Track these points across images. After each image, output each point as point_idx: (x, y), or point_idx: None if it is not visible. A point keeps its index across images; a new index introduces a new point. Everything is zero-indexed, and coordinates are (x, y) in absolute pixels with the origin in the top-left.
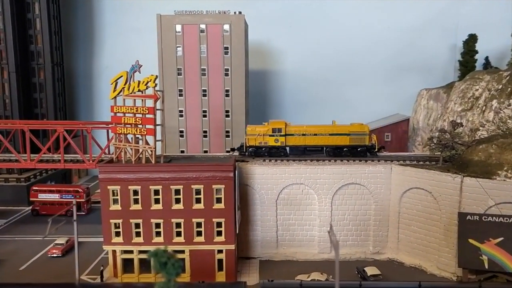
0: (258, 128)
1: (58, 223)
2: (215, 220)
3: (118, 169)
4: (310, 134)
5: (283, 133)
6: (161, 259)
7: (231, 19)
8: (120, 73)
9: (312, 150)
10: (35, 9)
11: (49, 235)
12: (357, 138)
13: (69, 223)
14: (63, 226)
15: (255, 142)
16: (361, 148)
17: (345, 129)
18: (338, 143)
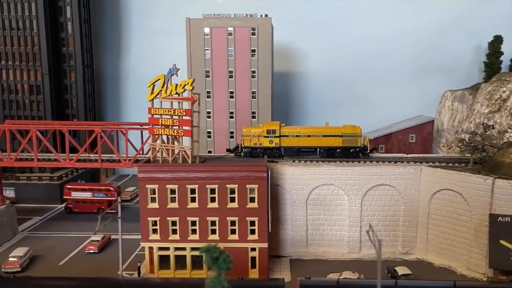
0: (253, 129)
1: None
2: (248, 219)
3: (157, 169)
4: (304, 136)
5: (277, 134)
6: (213, 254)
7: (258, 22)
8: (157, 76)
9: (306, 151)
10: (66, 13)
11: (84, 232)
12: (349, 140)
13: (102, 220)
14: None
15: (250, 143)
16: (354, 149)
17: (338, 131)
18: (331, 144)
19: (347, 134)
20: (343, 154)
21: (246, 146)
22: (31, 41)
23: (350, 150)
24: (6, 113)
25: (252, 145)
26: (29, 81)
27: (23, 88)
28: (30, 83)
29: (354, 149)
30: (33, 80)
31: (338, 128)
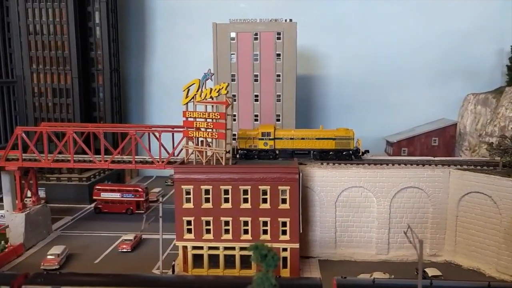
0: (249, 131)
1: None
2: (280, 220)
3: (192, 170)
4: (298, 138)
5: (272, 136)
6: (262, 252)
7: (283, 27)
8: (192, 81)
9: (300, 153)
10: (95, 18)
11: (114, 231)
12: (342, 142)
13: (130, 221)
14: (124, 223)
15: (246, 145)
16: (346, 151)
17: (331, 134)
18: (324, 146)
19: (340, 137)
20: (336, 156)
21: (242, 148)
22: (62, 45)
23: (343, 152)
24: (37, 115)
25: (247, 147)
26: (59, 85)
27: (53, 91)
28: (60, 87)
29: (347, 151)
30: (63, 83)
31: (331, 131)
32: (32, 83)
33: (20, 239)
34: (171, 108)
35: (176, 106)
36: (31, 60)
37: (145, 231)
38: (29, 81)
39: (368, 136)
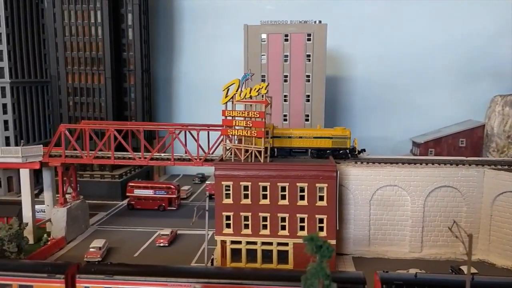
0: None
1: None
2: (317, 217)
3: (232, 167)
4: (296, 137)
5: (270, 135)
6: (317, 243)
7: (313, 28)
8: (232, 81)
9: (298, 151)
10: (128, 19)
11: (148, 227)
12: (339, 141)
13: (162, 217)
14: (156, 219)
15: None
16: (343, 150)
17: (328, 133)
18: (321, 145)
19: (337, 136)
20: (333, 155)
21: None
22: (96, 46)
23: (339, 151)
24: (71, 114)
25: None
26: (92, 85)
27: (87, 90)
28: (93, 86)
29: (344, 150)
30: (96, 83)
31: (328, 130)
32: (67, 82)
33: (62, 232)
34: (198, 107)
35: (204, 105)
36: (66, 60)
37: (180, 227)
38: (64, 81)
39: (392, 137)
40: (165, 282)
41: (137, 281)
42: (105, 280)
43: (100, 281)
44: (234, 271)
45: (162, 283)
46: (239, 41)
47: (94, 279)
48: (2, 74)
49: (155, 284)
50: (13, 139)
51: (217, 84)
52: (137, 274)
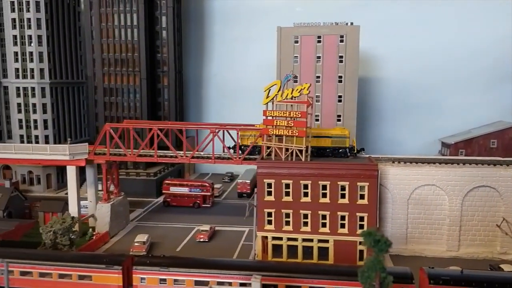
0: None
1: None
2: (358, 214)
3: (274, 165)
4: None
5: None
6: (375, 237)
7: (346, 30)
8: (273, 82)
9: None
10: (162, 22)
11: (185, 223)
12: (338, 141)
13: (197, 213)
14: (192, 216)
15: (247, 142)
16: (342, 149)
17: (328, 132)
18: (321, 144)
19: (336, 136)
20: (332, 154)
21: (243, 144)
22: (132, 48)
23: (339, 150)
24: (107, 113)
25: (249, 144)
26: (128, 85)
27: (122, 91)
28: (129, 87)
29: (343, 149)
30: (132, 84)
31: (328, 130)
32: (103, 83)
33: (106, 227)
34: (227, 108)
35: (233, 106)
36: (103, 62)
37: (216, 224)
38: (101, 81)
39: (421, 137)
40: (223, 274)
41: (192, 273)
42: (160, 272)
43: (156, 273)
44: (292, 265)
45: (219, 275)
46: (268, 43)
47: (150, 270)
48: (42, 75)
49: (210, 276)
50: (51, 137)
51: (247, 85)
52: (189, 266)
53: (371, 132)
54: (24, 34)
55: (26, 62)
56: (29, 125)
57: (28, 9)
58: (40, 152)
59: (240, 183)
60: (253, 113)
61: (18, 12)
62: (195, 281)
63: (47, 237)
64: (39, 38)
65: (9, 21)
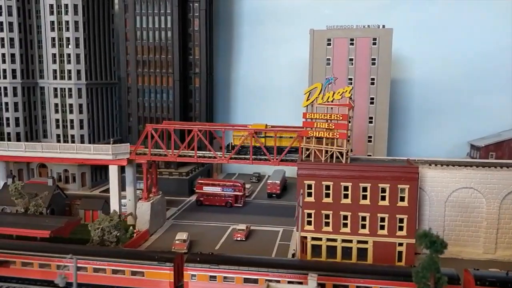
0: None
1: None
2: (398, 216)
3: (314, 167)
4: (287, 137)
5: (262, 134)
6: (431, 238)
7: (379, 33)
8: (314, 85)
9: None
10: (194, 24)
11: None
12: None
13: (230, 213)
14: (225, 215)
15: (239, 141)
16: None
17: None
18: None
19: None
20: None
21: (236, 144)
22: (166, 50)
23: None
24: (140, 114)
25: (240, 144)
26: (161, 86)
27: (156, 92)
28: (162, 88)
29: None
30: (165, 85)
31: None
32: (137, 84)
33: (146, 225)
34: (255, 109)
35: (260, 107)
36: (137, 63)
37: (248, 223)
38: (135, 83)
39: (448, 140)
40: (277, 273)
41: (242, 271)
42: (211, 269)
43: (207, 270)
44: (346, 266)
45: (272, 273)
46: (296, 44)
47: (200, 267)
48: (79, 76)
49: (260, 274)
50: (87, 137)
51: (274, 86)
52: (239, 264)
53: (398, 134)
54: (62, 36)
55: (63, 63)
56: (66, 125)
57: (67, 12)
58: (84, 152)
59: (270, 184)
60: (281, 114)
61: (57, 15)
62: (244, 279)
63: (95, 234)
64: (76, 40)
65: (48, 24)
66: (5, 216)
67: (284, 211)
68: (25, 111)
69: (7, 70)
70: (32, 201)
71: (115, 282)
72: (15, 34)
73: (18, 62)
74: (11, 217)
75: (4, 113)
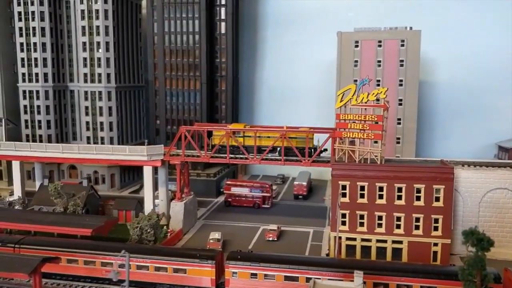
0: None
1: None
2: (433, 217)
3: (349, 167)
4: (265, 136)
5: (241, 134)
6: (478, 236)
7: (407, 35)
8: (348, 86)
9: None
10: (221, 28)
11: (249, 222)
12: (303, 141)
13: (258, 213)
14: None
15: (219, 141)
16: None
17: (293, 133)
18: (287, 144)
19: (301, 136)
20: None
21: (215, 144)
22: (193, 54)
23: (303, 149)
24: (168, 116)
25: (220, 143)
26: (189, 89)
27: (183, 95)
28: (189, 91)
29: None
30: (192, 88)
31: (293, 131)
32: (165, 87)
33: (180, 225)
34: (278, 110)
35: (284, 108)
36: (165, 66)
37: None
38: (163, 85)
39: (475, 141)
40: (317, 271)
41: (282, 269)
42: (252, 266)
43: (248, 267)
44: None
45: (312, 271)
46: (320, 47)
47: (241, 265)
48: (109, 79)
49: (300, 272)
50: (116, 139)
51: (298, 88)
52: (278, 262)
53: (425, 135)
54: (93, 40)
55: (94, 67)
56: (96, 127)
57: (98, 17)
58: (120, 153)
59: (297, 185)
60: (304, 115)
61: (88, 20)
62: (285, 277)
63: (134, 232)
64: (106, 44)
65: (80, 29)
66: (46, 215)
67: (311, 212)
68: (56, 114)
69: (39, 74)
70: (70, 201)
71: (158, 279)
72: (47, 39)
73: (50, 66)
74: (53, 216)
75: (36, 116)
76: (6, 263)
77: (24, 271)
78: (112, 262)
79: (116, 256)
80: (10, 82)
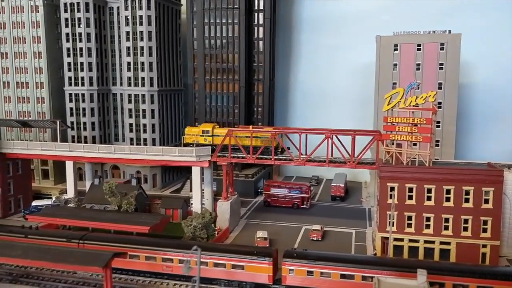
0: (193, 129)
1: None
2: (482, 218)
3: (397, 170)
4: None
5: (210, 133)
6: None
7: (447, 38)
8: (396, 89)
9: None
10: (259, 32)
11: (291, 222)
12: (266, 140)
13: (298, 214)
14: (293, 216)
15: (190, 140)
16: (269, 148)
17: (258, 133)
18: (253, 144)
19: (265, 136)
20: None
21: (187, 142)
22: (232, 58)
23: (268, 148)
24: (207, 119)
25: (191, 142)
26: (228, 92)
27: (222, 98)
28: (228, 94)
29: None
30: (231, 91)
31: (258, 131)
32: (205, 91)
33: (226, 223)
34: (312, 113)
35: (318, 111)
36: (205, 70)
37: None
38: (202, 89)
39: (509, 144)
40: (373, 269)
41: (340, 267)
42: (308, 264)
43: (304, 265)
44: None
45: (368, 270)
46: (355, 50)
47: (298, 262)
48: (151, 83)
49: (357, 271)
50: (158, 141)
51: (332, 91)
52: (338, 261)
53: (462, 138)
54: (137, 45)
55: (137, 71)
56: (139, 129)
57: (141, 23)
58: (169, 154)
59: (334, 187)
60: (338, 118)
61: (132, 26)
62: (341, 275)
63: (188, 230)
64: (149, 49)
65: (124, 34)
66: (104, 213)
67: (350, 213)
68: (100, 116)
69: (85, 77)
70: (123, 200)
71: (216, 274)
72: (92, 44)
73: (95, 70)
74: (109, 214)
75: (81, 118)
76: (79, 258)
77: (98, 265)
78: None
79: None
80: (56, 86)
